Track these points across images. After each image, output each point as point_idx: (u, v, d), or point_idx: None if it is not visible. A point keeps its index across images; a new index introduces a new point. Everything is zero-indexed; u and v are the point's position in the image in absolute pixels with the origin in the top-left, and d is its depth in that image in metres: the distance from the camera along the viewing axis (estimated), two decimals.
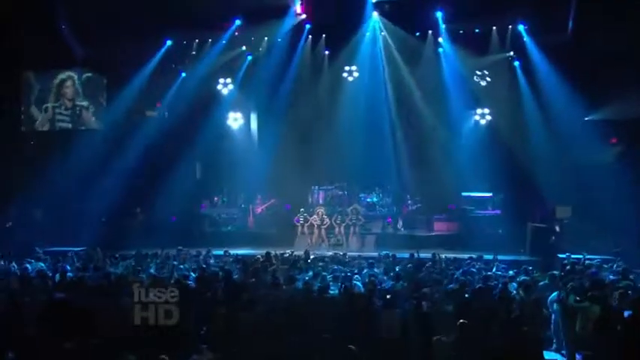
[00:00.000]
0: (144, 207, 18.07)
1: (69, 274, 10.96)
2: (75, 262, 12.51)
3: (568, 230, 15.55)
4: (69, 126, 18.28)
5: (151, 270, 11.51)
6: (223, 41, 18.23)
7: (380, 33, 18.42)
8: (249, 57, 19.03)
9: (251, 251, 15.18)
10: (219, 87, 19.32)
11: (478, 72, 18.57)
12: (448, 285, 9.45)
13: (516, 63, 18.00)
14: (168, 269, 11.58)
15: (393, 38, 18.34)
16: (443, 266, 11.73)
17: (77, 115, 18.25)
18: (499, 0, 16.78)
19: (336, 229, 17.35)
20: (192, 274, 10.91)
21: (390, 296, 8.31)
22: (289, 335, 7.79)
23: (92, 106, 18.16)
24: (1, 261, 12.09)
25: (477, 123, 19.00)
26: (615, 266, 11.32)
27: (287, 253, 13.67)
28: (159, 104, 19.12)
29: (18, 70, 17.94)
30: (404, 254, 13.75)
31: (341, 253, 13.93)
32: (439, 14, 17.48)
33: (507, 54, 18.08)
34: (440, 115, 18.66)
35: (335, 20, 17.83)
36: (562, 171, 16.15)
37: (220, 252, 14.25)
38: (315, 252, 14.75)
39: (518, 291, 9.16)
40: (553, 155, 16.55)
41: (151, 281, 9.58)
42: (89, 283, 10.09)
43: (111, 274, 10.68)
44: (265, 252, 13.08)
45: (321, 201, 18.92)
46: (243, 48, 18.85)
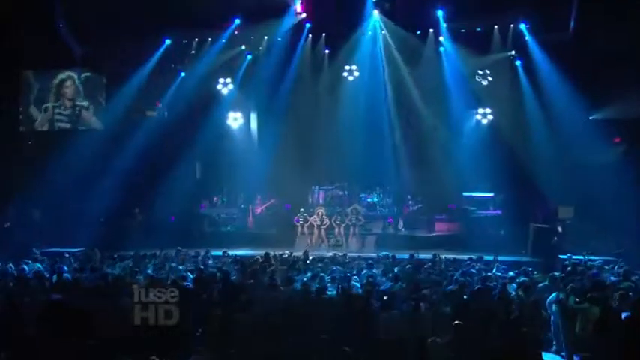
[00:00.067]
0: (143, 207, 17.97)
1: (66, 275, 10.87)
2: (72, 263, 12.43)
3: (570, 231, 15.46)
4: (68, 126, 18.21)
5: (149, 271, 11.45)
6: (223, 40, 18.10)
7: (380, 32, 18.31)
8: (248, 56, 18.94)
9: (251, 252, 15.10)
10: (218, 86, 19.21)
11: (480, 71, 18.45)
12: (447, 286, 9.38)
13: (518, 62, 17.89)
14: (166, 270, 11.53)
15: (394, 37, 18.22)
16: (442, 267, 11.67)
17: (76, 115, 18.19)
18: None
19: (336, 230, 17.24)
20: (189, 275, 10.83)
21: (388, 297, 8.25)
22: (286, 336, 7.75)
23: (92, 106, 18.10)
24: None
25: (479, 123, 18.87)
26: (617, 267, 11.24)
27: (286, 254, 13.63)
28: (158, 104, 19.04)
29: (17, 70, 17.89)
30: (404, 255, 13.69)
31: (341, 254, 13.84)
32: (440, 13, 17.36)
33: (509, 53, 17.96)
34: (441, 115, 18.57)
35: (335, 19, 17.75)
36: (564, 171, 16.06)
37: (219, 252, 14.18)
38: (315, 253, 14.70)
39: (517, 292, 9.09)
40: (555, 155, 16.45)
41: (148, 282, 9.52)
42: (86, 284, 10.01)
43: (108, 275, 10.60)
44: (264, 252, 13.05)
45: (322, 201, 18.82)
46: (242, 47, 18.76)
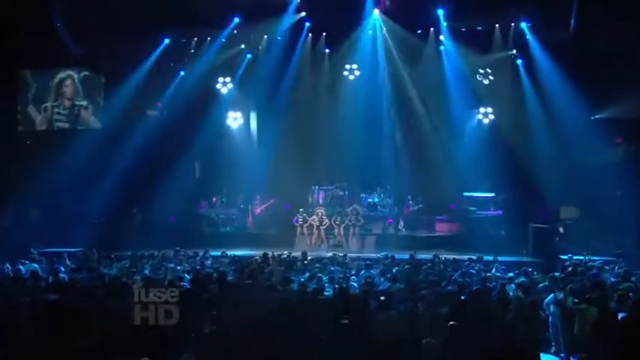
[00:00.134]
0: (142, 207, 17.89)
1: (63, 276, 10.81)
2: (69, 264, 12.35)
3: (572, 231, 15.34)
4: (66, 126, 18.13)
5: (146, 271, 11.39)
6: (222, 39, 18.02)
7: (380, 31, 18.18)
8: (248, 55, 18.84)
9: (250, 252, 15.05)
10: (218, 86, 19.11)
11: (481, 70, 18.34)
12: (446, 287, 9.29)
13: (519, 61, 17.76)
14: (163, 271, 11.45)
15: (394, 36, 18.09)
16: (441, 268, 11.59)
17: (75, 115, 18.11)
18: None
19: (336, 230, 17.10)
20: (187, 276, 10.76)
21: (386, 298, 8.16)
22: (282, 337, 7.64)
23: (90, 106, 18.02)
24: None
25: (480, 122, 18.75)
26: (617, 268, 11.14)
27: (285, 254, 13.53)
28: (159, 104, 18.94)
29: (14, 69, 17.82)
30: (404, 255, 13.61)
31: (341, 255, 13.75)
32: (440, 12, 17.24)
33: (510, 52, 17.84)
34: (441, 115, 18.46)
35: (335, 18, 17.58)
36: (565, 171, 15.96)
37: (218, 253, 14.10)
38: (314, 253, 14.61)
39: (515, 293, 9.02)
40: (556, 155, 16.35)
41: (145, 283, 9.41)
42: (81, 285, 9.94)
43: (105, 276, 10.56)
44: (262, 253, 12.97)
45: (322, 201, 18.74)
46: (242, 46, 18.67)
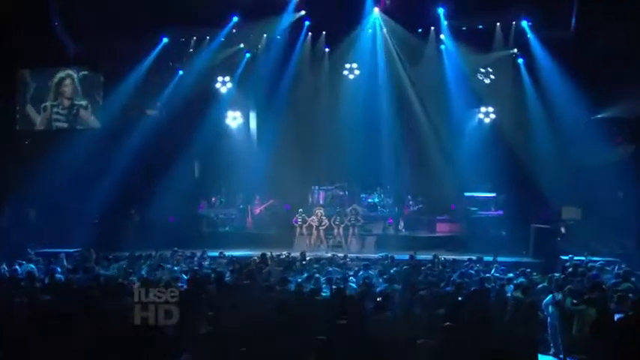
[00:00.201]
0: (140, 207, 17.76)
1: (59, 276, 10.73)
2: (66, 264, 12.27)
3: (573, 232, 15.24)
4: (65, 125, 18.02)
5: (143, 272, 11.30)
6: (221, 38, 17.94)
7: (381, 30, 18.07)
8: (247, 54, 18.74)
9: (249, 252, 14.97)
10: (217, 85, 19.00)
11: (482, 69, 18.22)
12: (445, 287, 9.19)
13: (520, 60, 17.64)
14: (160, 271, 11.36)
15: (394, 35, 17.99)
16: (440, 268, 11.49)
17: (74, 115, 18.00)
18: None
19: (335, 230, 16.97)
20: (184, 277, 10.70)
21: (382, 299, 8.07)
22: (280, 337, 7.56)
23: (90, 105, 17.92)
24: None
25: (481, 122, 18.63)
26: (617, 268, 11.04)
27: (283, 255, 13.43)
28: (158, 104, 18.86)
29: (13, 69, 17.71)
30: (404, 256, 13.53)
31: (341, 255, 13.64)
32: (441, 10, 17.13)
33: (511, 51, 17.72)
34: (442, 114, 18.32)
35: (335, 16, 17.46)
36: (566, 171, 15.87)
37: (216, 254, 14.01)
38: (314, 253, 14.51)
39: (515, 293, 8.94)
40: (557, 155, 16.25)
41: (141, 283, 9.32)
42: (77, 286, 9.86)
43: (100, 276, 10.52)
44: (261, 253, 12.87)
45: (322, 201, 18.65)
46: (241, 45, 18.56)
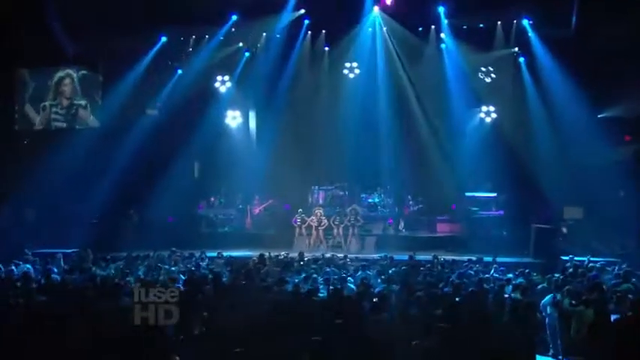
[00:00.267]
0: (139, 207, 17.66)
1: (55, 277, 10.66)
2: (62, 264, 12.19)
3: (574, 232, 15.14)
4: (64, 125, 17.93)
5: (140, 272, 11.23)
6: (220, 37, 17.85)
7: (380, 29, 17.96)
8: (246, 53, 18.62)
9: (248, 253, 14.89)
10: (216, 84, 18.90)
11: (483, 68, 18.12)
12: (444, 288, 9.11)
13: (521, 59, 17.52)
14: (157, 272, 11.28)
15: (394, 34, 17.91)
16: (439, 269, 11.39)
17: (73, 115, 17.90)
18: None
19: (335, 231, 16.87)
20: (181, 277, 10.61)
21: (379, 299, 7.99)
22: (277, 338, 7.49)
23: (89, 105, 17.84)
24: None
25: (482, 121, 18.52)
26: (617, 269, 10.94)
27: (281, 255, 13.33)
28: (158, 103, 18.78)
29: (11, 68, 17.63)
30: (404, 256, 13.43)
31: (341, 255, 13.56)
32: (441, 9, 17.04)
33: (512, 50, 17.62)
34: (442, 114, 18.21)
35: (335, 15, 17.34)
36: (567, 170, 15.75)
37: (215, 254, 13.91)
38: (313, 254, 14.41)
39: (513, 294, 8.86)
40: (558, 154, 16.16)
41: (138, 284, 9.24)
42: (72, 286, 9.78)
43: (96, 277, 10.43)
44: (259, 254, 12.78)
45: (322, 201, 18.54)
46: (240, 44, 18.45)
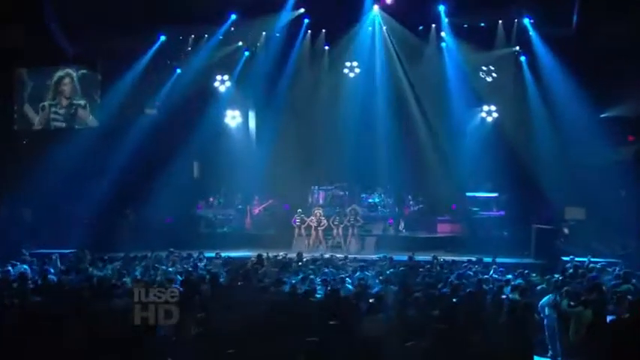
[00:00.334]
0: (137, 207, 17.56)
1: (51, 277, 10.60)
2: (58, 265, 12.13)
3: (575, 232, 15.05)
4: (63, 125, 17.87)
5: (137, 273, 11.16)
6: (219, 36, 17.75)
7: (381, 28, 17.86)
8: (246, 52, 18.54)
9: (247, 253, 14.78)
10: (215, 84, 18.82)
11: (483, 67, 18.02)
12: (442, 289, 9.04)
13: (523, 58, 17.41)
14: (154, 272, 11.22)
15: (395, 33, 17.80)
16: (438, 269, 11.32)
17: (72, 114, 17.84)
18: None
19: (334, 231, 16.77)
20: (178, 277, 10.53)
21: (376, 300, 7.95)
22: (274, 338, 7.45)
23: (88, 104, 17.78)
24: None
25: (483, 121, 18.43)
26: (617, 269, 10.85)
27: (280, 256, 13.25)
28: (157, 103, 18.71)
29: (10, 68, 17.58)
30: (404, 257, 13.36)
31: (341, 256, 13.49)
32: (442, 8, 16.93)
33: (513, 49, 17.50)
34: (443, 113, 18.08)
35: (335, 14, 17.24)
36: (568, 170, 15.65)
37: (213, 254, 13.83)
38: (313, 254, 14.35)
39: (512, 295, 8.78)
40: (559, 154, 16.07)
41: (134, 284, 9.18)
42: (68, 287, 9.73)
43: (93, 278, 10.38)
44: (257, 254, 12.71)
45: (321, 201, 18.47)
46: (239, 43, 18.35)
